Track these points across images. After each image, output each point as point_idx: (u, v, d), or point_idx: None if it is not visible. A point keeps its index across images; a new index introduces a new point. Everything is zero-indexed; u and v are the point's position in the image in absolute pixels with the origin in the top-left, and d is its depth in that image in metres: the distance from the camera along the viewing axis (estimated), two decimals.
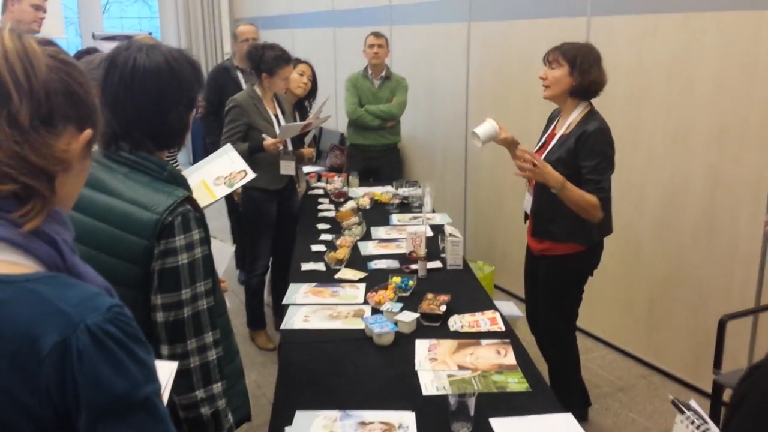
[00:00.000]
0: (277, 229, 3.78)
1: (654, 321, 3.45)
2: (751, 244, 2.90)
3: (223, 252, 1.78)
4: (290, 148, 3.65)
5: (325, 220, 3.64)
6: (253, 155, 3.37)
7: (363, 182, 4.48)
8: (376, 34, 4.65)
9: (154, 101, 1.39)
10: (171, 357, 1.36)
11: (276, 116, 3.62)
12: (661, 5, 3.16)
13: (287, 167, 3.63)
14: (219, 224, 6.40)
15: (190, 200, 1.40)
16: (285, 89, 3.67)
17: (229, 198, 4.24)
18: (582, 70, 2.48)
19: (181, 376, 1.32)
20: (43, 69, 0.80)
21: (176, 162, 3.49)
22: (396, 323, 2.21)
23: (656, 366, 3.47)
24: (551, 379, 2.80)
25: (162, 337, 1.38)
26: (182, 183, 1.44)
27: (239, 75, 4.52)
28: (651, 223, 3.37)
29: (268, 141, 3.42)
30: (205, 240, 1.41)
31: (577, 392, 2.91)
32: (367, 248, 3.15)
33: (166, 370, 1.12)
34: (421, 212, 3.67)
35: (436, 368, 1.99)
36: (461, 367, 1.99)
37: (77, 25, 8.69)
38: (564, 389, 2.79)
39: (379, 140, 4.73)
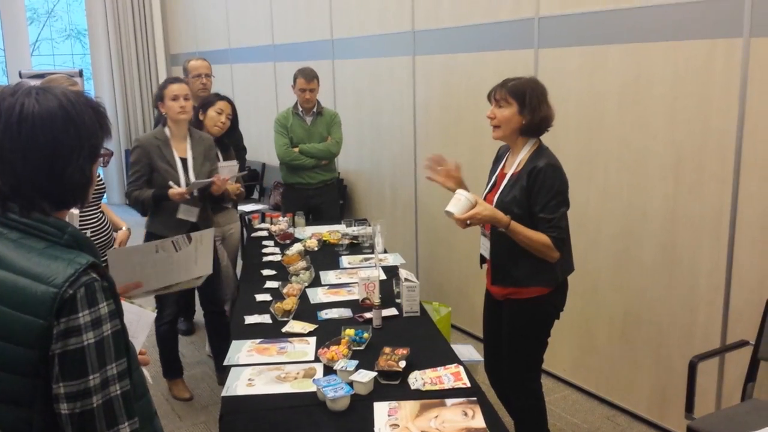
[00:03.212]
0: None
1: (616, 359, 3.33)
2: (713, 278, 2.81)
3: (143, 318, 1.54)
4: (195, 193, 3.34)
5: (270, 265, 3.40)
6: (159, 203, 3.28)
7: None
8: (307, 78, 4.32)
9: (48, 153, 1.16)
10: None
11: (183, 159, 3.36)
12: (609, 36, 3.10)
13: (188, 212, 3.34)
14: None
15: (95, 267, 1.16)
16: (179, 112, 3.26)
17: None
18: (532, 108, 2.36)
19: None
20: None
21: (105, 224, 3.22)
22: (351, 384, 1.99)
23: (620, 406, 3.34)
24: None
25: None
26: (87, 247, 1.20)
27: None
28: (608, 257, 3.27)
29: (174, 190, 3.22)
30: (116, 313, 1.17)
31: None
32: (317, 295, 2.93)
33: None
34: (372, 253, 3.48)
35: None
36: None
37: (4, 64, 8.31)
38: None
39: (315, 177, 4.49)
